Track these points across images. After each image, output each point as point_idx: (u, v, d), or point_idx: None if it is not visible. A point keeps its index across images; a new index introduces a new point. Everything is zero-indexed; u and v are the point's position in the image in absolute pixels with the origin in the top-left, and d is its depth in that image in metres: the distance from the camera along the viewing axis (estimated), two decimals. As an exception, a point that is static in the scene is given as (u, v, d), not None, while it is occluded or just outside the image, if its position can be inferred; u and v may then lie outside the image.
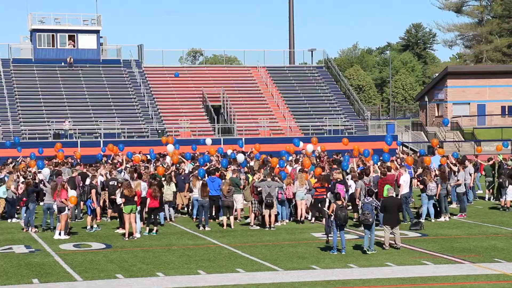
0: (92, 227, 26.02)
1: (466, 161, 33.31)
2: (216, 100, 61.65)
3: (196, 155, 37.37)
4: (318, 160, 35.66)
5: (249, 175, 29.11)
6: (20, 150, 38.82)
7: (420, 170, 30.77)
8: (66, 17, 65.47)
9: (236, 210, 27.66)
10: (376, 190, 25.60)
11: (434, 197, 27.66)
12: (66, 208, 24.65)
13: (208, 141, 42.28)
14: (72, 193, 25.32)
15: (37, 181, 27.88)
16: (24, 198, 26.35)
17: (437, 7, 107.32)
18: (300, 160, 31.90)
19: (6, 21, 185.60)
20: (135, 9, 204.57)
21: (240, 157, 33.01)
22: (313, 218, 27.71)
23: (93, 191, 26.26)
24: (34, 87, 60.38)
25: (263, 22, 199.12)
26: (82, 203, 27.92)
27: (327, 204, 26.78)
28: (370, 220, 20.96)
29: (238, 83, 64.85)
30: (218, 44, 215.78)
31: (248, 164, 32.88)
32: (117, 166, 31.20)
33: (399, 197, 25.91)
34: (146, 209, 25.70)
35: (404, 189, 26.92)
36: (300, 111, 62.57)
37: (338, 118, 60.80)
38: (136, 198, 24.56)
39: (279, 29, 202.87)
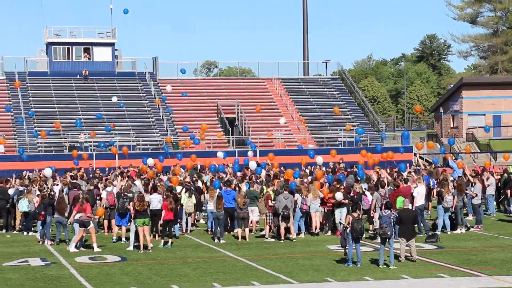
0: (120, 238, 26.26)
1: (486, 172, 33.11)
2: (231, 112, 61.72)
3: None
4: (333, 171, 35.56)
5: (263, 187, 29.10)
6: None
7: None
8: (81, 30, 65.88)
9: (251, 222, 27.63)
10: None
11: (450, 209, 27.54)
12: (91, 221, 24.76)
13: (220, 154, 42.18)
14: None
15: (52, 193, 27.98)
16: (43, 212, 26.32)
17: (452, 18, 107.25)
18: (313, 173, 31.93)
19: (22, 34, 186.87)
20: (150, 22, 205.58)
21: (252, 164, 33.12)
22: (330, 231, 27.62)
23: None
24: (50, 100, 60.68)
25: (277, 34, 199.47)
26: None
27: (338, 215, 26.80)
28: (388, 233, 20.82)
29: (252, 95, 64.91)
30: (232, 56, 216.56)
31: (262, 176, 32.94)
32: (134, 178, 31.29)
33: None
34: (161, 222, 25.75)
35: (419, 201, 26.80)
36: (315, 122, 62.52)
37: (353, 129, 60.65)
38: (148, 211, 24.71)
39: (293, 41, 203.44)
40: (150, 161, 37.83)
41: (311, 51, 73.58)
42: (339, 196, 26.28)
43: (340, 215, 26.88)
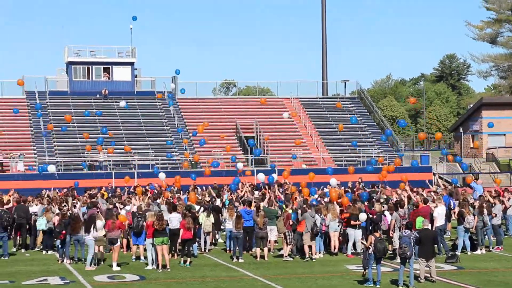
0: (138, 257, 26.30)
1: (506, 192, 32.88)
2: (249, 131, 61.75)
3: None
4: (352, 190, 35.47)
5: (283, 206, 29.06)
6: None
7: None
8: (101, 49, 66.29)
9: (269, 242, 27.57)
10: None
11: (471, 229, 27.37)
12: (119, 239, 24.86)
13: (240, 165, 42.15)
14: (100, 224, 25.46)
15: (71, 212, 28.04)
16: (64, 231, 26.34)
17: (472, 38, 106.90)
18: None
19: (43, 54, 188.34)
20: (169, 42, 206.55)
21: (261, 177, 33.13)
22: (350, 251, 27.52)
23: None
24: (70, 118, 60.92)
25: (296, 54, 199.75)
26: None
27: (352, 235, 26.69)
28: (408, 253, 20.70)
29: (271, 115, 64.94)
30: (251, 76, 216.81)
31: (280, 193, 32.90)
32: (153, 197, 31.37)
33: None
34: (179, 240, 25.76)
35: (439, 221, 26.64)
36: (334, 142, 62.43)
37: (372, 149, 60.54)
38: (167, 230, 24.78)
39: (312, 61, 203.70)
40: (162, 176, 37.78)
41: (330, 71, 73.75)
42: (363, 217, 26.22)
43: (355, 235, 26.84)
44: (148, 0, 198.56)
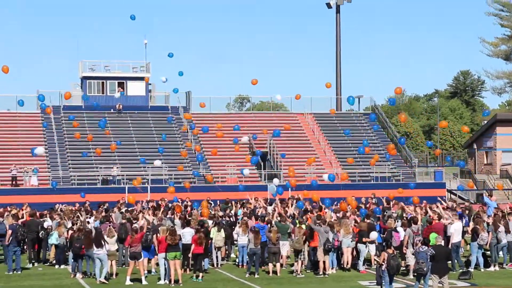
0: (150, 271, 26.28)
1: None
2: (263, 147, 61.75)
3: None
4: (365, 206, 35.37)
5: (296, 221, 28.99)
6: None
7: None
8: (115, 64, 66.57)
9: (282, 257, 27.50)
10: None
11: (484, 246, 27.22)
12: (142, 253, 24.85)
13: (246, 171, 41.68)
14: (113, 241, 25.44)
15: (85, 227, 28.08)
16: (83, 246, 26.23)
17: (486, 55, 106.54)
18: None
19: (57, 69, 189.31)
20: (183, 57, 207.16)
21: (272, 188, 33.16)
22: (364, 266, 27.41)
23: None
24: (84, 133, 61.15)
25: (310, 69, 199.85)
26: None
27: (364, 251, 26.58)
28: (425, 269, 20.61)
29: (285, 130, 64.87)
30: (265, 91, 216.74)
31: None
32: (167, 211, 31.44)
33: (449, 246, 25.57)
34: (191, 255, 25.75)
35: (456, 238, 26.52)
36: (347, 157, 62.24)
37: (385, 165, 60.40)
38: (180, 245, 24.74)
39: (326, 76, 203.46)
40: (171, 189, 37.76)
41: (344, 86, 73.55)
42: (374, 235, 26.15)
43: (367, 250, 26.78)
44: (163, 15, 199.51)
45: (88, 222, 29.46)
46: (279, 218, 28.65)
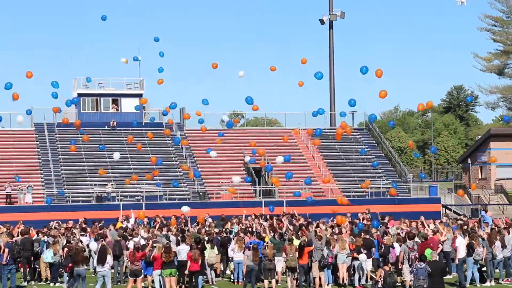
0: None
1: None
2: (257, 163, 61.64)
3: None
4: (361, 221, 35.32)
5: (293, 237, 28.95)
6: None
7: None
8: (109, 81, 66.55)
9: (277, 273, 27.44)
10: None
11: (480, 261, 27.22)
12: (142, 271, 24.77)
13: (237, 179, 41.13)
14: (109, 257, 25.34)
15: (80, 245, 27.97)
16: (70, 264, 26.14)
17: (479, 70, 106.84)
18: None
19: (51, 86, 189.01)
20: (177, 73, 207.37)
21: (185, 209, 33.25)
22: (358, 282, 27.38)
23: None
24: (78, 150, 61.03)
25: (304, 85, 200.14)
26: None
27: (364, 266, 26.56)
28: (425, 286, 20.59)
29: (279, 146, 64.94)
30: (259, 107, 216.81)
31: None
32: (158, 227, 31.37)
33: (456, 261, 25.65)
34: (187, 272, 25.69)
35: (461, 253, 26.53)
36: (342, 173, 62.36)
37: (380, 180, 60.44)
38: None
39: (320, 92, 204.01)
40: (185, 209, 37.68)
41: (338, 102, 73.60)
42: (362, 257, 26.20)
43: (365, 266, 26.74)
44: (156, 32, 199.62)
45: (81, 241, 29.23)
46: (272, 234, 28.67)
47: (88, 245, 28.92)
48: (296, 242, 27.16)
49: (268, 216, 38.99)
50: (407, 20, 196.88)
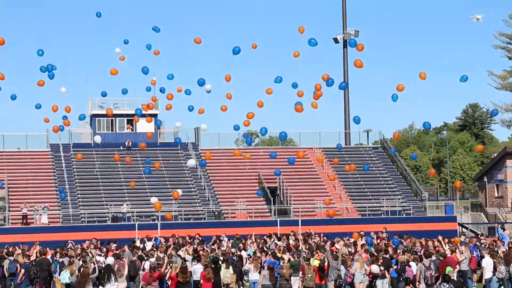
0: None
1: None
2: (272, 182, 61.65)
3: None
4: (377, 240, 35.21)
5: (310, 257, 28.82)
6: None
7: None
8: (124, 102, 66.73)
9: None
10: (437, 274, 25.09)
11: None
12: None
13: (192, 162, 40.56)
14: (122, 279, 25.28)
15: (94, 265, 27.95)
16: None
17: (494, 87, 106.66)
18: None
19: (35, 108, 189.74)
20: (192, 92, 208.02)
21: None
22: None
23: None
24: (93, 171, 61.35)
25: (318, 104, 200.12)
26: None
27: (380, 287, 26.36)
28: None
29: (294, 165, 64.74)
30: (273, 126, 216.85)
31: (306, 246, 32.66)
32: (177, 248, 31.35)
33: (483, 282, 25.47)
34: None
35: (487, 273, 26.35)
36: (357, 192, 62.18)
37: (395, 199, 60.21)
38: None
39: (334, 110, 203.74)
40: (154, 199, 37.55)
41: (352, 121, 73.64)
42: (374, 269, 26.00)
43: (382, 286, 26.51)
44: (171, 52, 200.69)
45: (97, 261, 29.23)
46: (288, 253, 28.55)
47: (103, 264, 28.87)
48: (314, 262, 27.04)
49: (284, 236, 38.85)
50: (421, 38, 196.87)
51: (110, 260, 27.28)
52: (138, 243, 37.87)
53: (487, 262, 26.59)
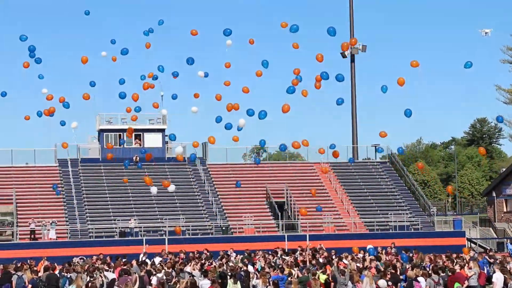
0: None
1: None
2: (280, 197, 61.63)
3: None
4: (385, 255, 35.11)
5: (318, 272, 28.74)
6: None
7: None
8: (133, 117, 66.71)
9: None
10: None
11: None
12: None
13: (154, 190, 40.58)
14: None
15: (101, 281, 27.93)
16: None
17: (502, 102, 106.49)
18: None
19: (75, 122, 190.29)
20: (199, 107, 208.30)
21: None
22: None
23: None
24: (101, 185, 61.42)
25: (326, 119, 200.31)
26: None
27: None
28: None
29: (301, 180, 64.81)
30: (281, 141, 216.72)
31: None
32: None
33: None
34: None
35: None
36: (365, 207, 62.05)
37: (404, 213, 60.04)
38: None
39: (342, 125, 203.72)
40: (154, 190, 37.42)
41: (360, 135, 73.45)
42: (382, 284, 25.90)
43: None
44: (178, 66, 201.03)
45: (106, 277, 29.21)
46: (296, 268, 28.47)
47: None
48: (322, 277, 26.96)
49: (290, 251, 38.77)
50: (429, 53, 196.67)
51: (112, 275, 27.23)
52: (143, 257, 37.72)
53: (498, 278, 26.43)
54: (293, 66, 34.57)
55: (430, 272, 27.24)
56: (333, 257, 33.32)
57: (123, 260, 35.22)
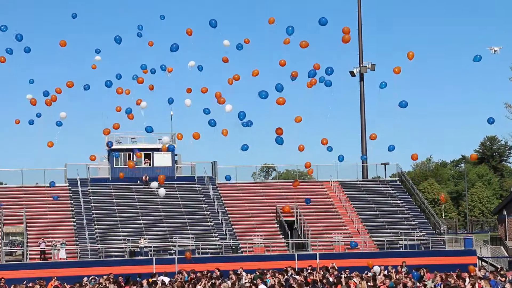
0: None
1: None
2: (290, 216, 61.50)
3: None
4: (395, 273, 34.97)
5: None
6: None
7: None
8: (142, 136, 66.97)
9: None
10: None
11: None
12: None
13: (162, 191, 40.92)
14: None
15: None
16: None
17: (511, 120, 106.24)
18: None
19: (84, 142, 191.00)
20: (209, 127, 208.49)
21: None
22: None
23: None
24: (111, 205, 61.47)
25: (335, 137, 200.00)
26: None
27: None
28: None
29: (311, 198, 64.57)
30: (290, 159, 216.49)
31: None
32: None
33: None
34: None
35: None
36: (375, 225, 61.85)
37: (414, 232, 59.82)
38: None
39: (351, 144, 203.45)
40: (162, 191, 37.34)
41: (370, 154, 73.34)
42: None
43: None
44: (188, 85, 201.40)
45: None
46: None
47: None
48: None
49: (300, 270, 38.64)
50: (438, 71, 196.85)
51: None
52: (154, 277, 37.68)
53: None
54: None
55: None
56: (342, 276, 33.15)
57: (138, 279, 35.21)
